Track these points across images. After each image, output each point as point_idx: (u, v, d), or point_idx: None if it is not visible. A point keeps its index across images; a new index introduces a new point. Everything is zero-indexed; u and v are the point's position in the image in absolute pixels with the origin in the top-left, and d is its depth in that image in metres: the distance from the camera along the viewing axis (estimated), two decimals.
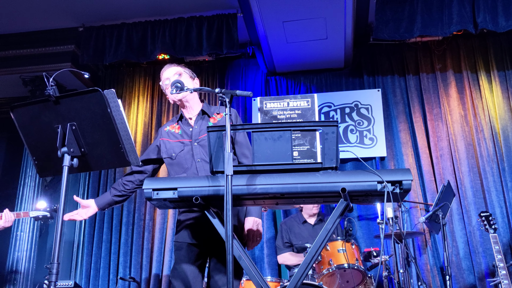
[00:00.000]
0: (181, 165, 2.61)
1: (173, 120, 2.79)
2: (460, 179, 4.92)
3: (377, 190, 1.91)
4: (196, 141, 2.62)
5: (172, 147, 2.66)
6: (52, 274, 1.83)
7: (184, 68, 2.80)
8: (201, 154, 2.58)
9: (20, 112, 2.05)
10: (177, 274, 2.48)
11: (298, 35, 4.90)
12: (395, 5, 4.89)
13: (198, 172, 2.56)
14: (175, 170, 2.64)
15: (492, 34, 5.24)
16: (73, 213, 2.66)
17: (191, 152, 2.61)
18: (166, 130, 2.74)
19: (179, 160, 2.62)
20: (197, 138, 2.62)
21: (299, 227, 4.52)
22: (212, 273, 2.52)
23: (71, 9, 5.07)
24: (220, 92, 2.08)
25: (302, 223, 4.53)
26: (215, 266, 2.52)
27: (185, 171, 2.60)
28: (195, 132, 2.64)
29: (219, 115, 2.69)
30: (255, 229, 2.55)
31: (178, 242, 2.57)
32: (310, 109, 2.16)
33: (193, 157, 2.59)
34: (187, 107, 2.72)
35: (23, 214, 4.01)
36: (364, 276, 3.80)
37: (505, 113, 5.05)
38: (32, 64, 5.45)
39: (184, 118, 2.73)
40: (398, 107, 5.33)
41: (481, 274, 4.61)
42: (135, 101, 5.82)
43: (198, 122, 2.68)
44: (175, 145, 2.66)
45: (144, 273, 5.15)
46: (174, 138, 2.69)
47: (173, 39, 5.11)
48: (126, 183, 2.73)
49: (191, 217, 2.57)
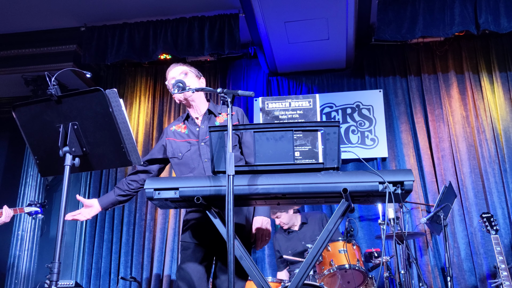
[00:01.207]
0: (188, 165, 2.60)
1: (179, 120, 2.77)
2: (462, 180, 4.91)
3: (379, 190, 1.91)
4: (203, 141, 2.60)
5: (178, 147, 2.65)
6: (53, 273, 1.83)
7: (190, 68, 2.77)
8: (208, 154, 2.56)
9: (22, 112, 2.06)
10: (183, 274, 2.47)
11: (300, 36, 4.90)
12: (397, 6, 4.89)
13: (206, 172, 2.54)
14: (181, 170, 2.62)
15: (494, 35, 5.24)
16: (75, 212, 2.63)
17: (198, 152, 2.59)
18: (172, 130, 2.72)
19: (185, 160, 2.61)
20: (204, 138, 2.60)
21: (285, 238, 4.39)
22: (218, 273, 2.52)
23: (73, 9, 5.08)
24: (222, 92, 2.08)
25: (287, 234, 4.40)
26: (221, 267, 2.51)
27: (192, 171, 2.58)
28: (202, 132, 2.63)
29: (225, 115, 2.67)
30: (264, 228, 2.53)
31: (185, 242, 2.55)
32: (312, 109, 2.16)
33: (200, 157, 2.58)
34: (193, 106, 2.70)
35: (19, 210, 4.12)
36: (365, 277, 3.80)
37: (507, 114, 5.04)
38: (34, 64, 5.46)
39: (191, 118, 2.71)
40: (400, 108, 5.33)
41: (482, 275, 4.60)
42: (136, 101, 5.83)
43: (205, 122, 2.66)
44: (182, 145, 2.64)
45: (145, 273, 5.15)
46: (180, 138, 2.67)
47: (175, 39, 5.12)
48: (130, 182, 2.72)
49: (197, 217, 2.55)
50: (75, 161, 1.99)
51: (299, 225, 4.38)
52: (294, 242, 4.30)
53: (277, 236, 4.48)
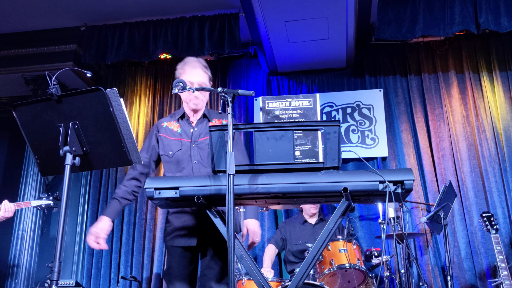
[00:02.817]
0: (177, 164, 2.64)
1: (172, 117, 2.79)
2: (462, 180, 4.91)
3: (379, 190, 1.92)
4: (195, 142, 2.65)
5: (170, 145, 2.68)
6: (54, 272, 1.84)
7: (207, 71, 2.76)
8: (198, 156, 2.62)
9: (22, 111, 2.06)
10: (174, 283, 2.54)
11: (300, 35, 4.89)
12: (397, 5, 4.89)
13: (194, 173, 2.60)
14: (170, 168, 2.67)
15: (495, 34, 5.23)
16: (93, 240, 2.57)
17: (189, 152, 2.63)
18: (164, 126, 2.75)
19: (175, 159, 2.65)
20: (197, 140, 2.65)
21: (299, 228, 4.52)
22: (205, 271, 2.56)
23: (73, 9, 5.08)
24: (223, 91, 2.09)
25: (302, 223, 4.53)
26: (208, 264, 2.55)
27: (181, 170, 2.63)
28: (195, 134, 2.67)
29: (219, 121, 2.73)
30: (256, 230, 2.58)
31: (173, 247, 2.59)
32: (312, 109, 2.16)
33: (190, 158, 2.63)
34: (197, 108, 2.73)
35: (24, 204, 3.98)
36: (366, 276, 3.80)
37: (507, 114, 5.04)
38: (34, 63, 5.46)
39: (186, 118, 2.75)
40: (400, 107, 5.33)
41: (482, 274, 4.60)
42: (137, 100, 5.83)
43: (199, 125, 2.71)
44: (174, 143, 2.68)
45: (146, 273, 5.15)
46: (172, 136, 2.70)
47: (175, 38, 5.12)
48: (136, 190, 2.72)
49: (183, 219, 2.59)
50: (75, 160, 1.99)
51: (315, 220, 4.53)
52: (308, 233, 4.43)
53: (287, 225, 4.59)
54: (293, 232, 4.50)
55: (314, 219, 4.54)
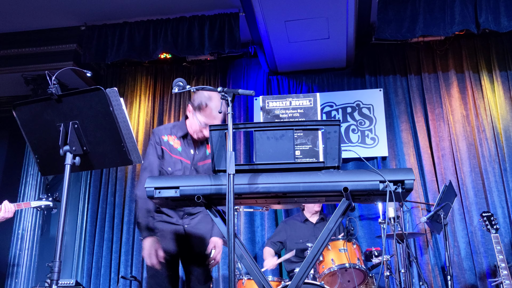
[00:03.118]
0: None
1: (174, 132, 2.78)
2: (462, 179, 4.91)
3: (379, 189, 1.92)
4: (195, 165, 2.73)
5: (170, 162, 2.71)
6: (54, 272, 1.84)
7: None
8: None
9: (22, 111, 2.06)
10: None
11: (300, 35, 4.89)
12: (397, 5, 4.89)
13: None
14: None
15: (494, 34, 5.23)
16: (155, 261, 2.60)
17: (188, 173, 2.71)
18: (165, 140, 2.75)
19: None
20: (197, 164, 2.74)
21: (300, 226, 4.52)
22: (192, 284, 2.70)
23: (73, 8, 5.08)
24: (223, 91, 2.09)
25: (303, 222, 4.53)
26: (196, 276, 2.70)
27: None
28: (196, 158, 2.75)
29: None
30: (221, 250, 2.73)
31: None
32: (313, 108, 2.16)
33: None
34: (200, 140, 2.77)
35: (24, 205, 3.99)
36: (366, 276, 3.80)
37: (507, 113, 5.04)
38: (34, 63, 5.45)
39: (189, 138, 2.77)
40: (400, 107, 5.33)
41: (482, 274, 4.60)
42: (137, 100, 5.83)
43: (200, 149, 2.79)
44: (174, 160, 2.71)
45: (146, 272, 5.14)
46: (173, 153, 2.73)
47: (175, 38, 5.11)
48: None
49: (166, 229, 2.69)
50: (75, 160, 1.99)
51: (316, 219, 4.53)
52: (309, 232, 4.43)
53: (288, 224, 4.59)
54: (294, 230, 4.50)
55: (316, 218, 4.54)
